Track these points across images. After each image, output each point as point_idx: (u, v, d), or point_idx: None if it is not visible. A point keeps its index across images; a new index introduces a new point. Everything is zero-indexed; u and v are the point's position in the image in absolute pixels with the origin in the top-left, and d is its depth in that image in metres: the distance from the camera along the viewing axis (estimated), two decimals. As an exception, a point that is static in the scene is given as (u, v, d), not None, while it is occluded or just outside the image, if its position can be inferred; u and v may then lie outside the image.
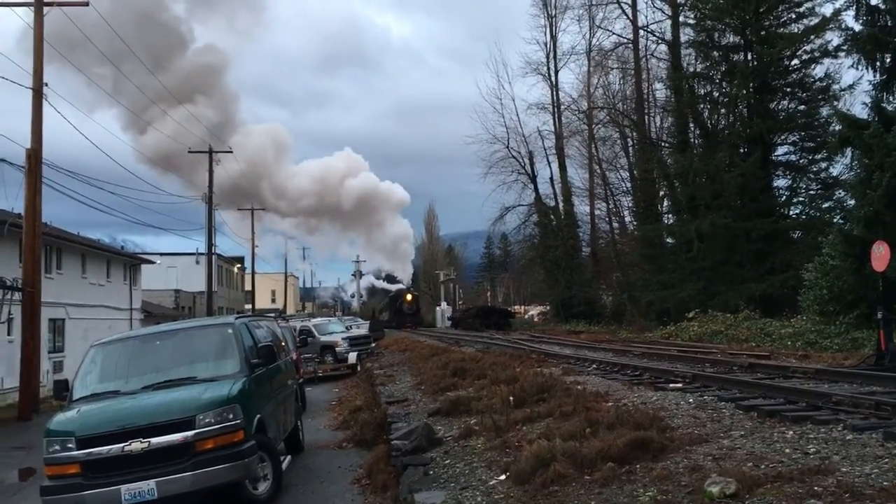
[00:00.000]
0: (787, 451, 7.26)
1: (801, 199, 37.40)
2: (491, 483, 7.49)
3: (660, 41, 45.96)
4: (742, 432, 8.34)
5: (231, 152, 46.52)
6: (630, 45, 49.08)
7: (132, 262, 44.24)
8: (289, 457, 12.34)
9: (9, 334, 25.95)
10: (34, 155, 22.38)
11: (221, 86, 52.26)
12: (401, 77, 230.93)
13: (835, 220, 31.55)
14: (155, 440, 8.27)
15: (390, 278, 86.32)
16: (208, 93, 49.57)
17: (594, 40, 53.86)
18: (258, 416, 9.33)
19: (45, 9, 22.75)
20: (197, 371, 9.63)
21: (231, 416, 8.62)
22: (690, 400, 11.00)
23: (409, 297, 73.01)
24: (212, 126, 46.58)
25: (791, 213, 37.32)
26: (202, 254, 51.94)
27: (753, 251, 33.99)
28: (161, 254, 62.22)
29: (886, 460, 6.60)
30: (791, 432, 8.13)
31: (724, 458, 7.08)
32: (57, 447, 8.44)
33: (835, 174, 34.71)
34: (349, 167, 68.52)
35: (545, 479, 6.97)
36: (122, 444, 8.25)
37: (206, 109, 47.42)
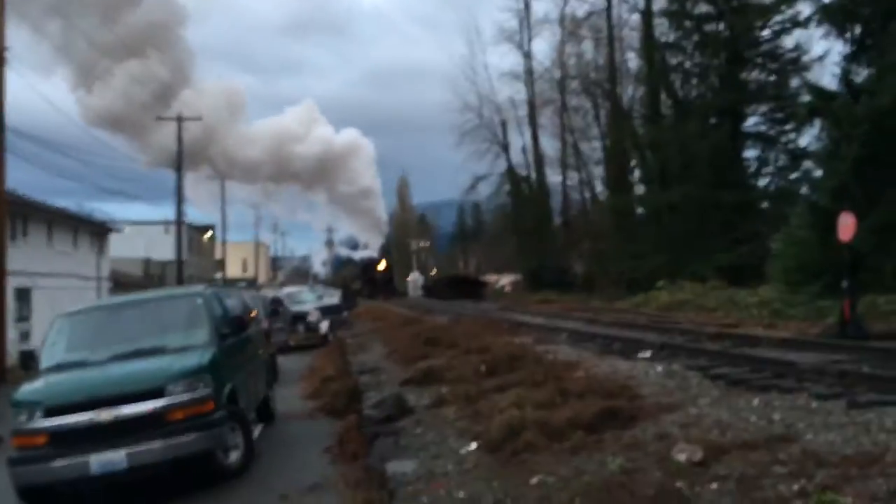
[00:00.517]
0: (753, 419, 7.39)
1: (770, 170, 37.78)
2: (462, 452, 7.55)
3: (633, 10, 45.89)
4: (709, 400, 8.47)
5: (200, 119, 45.65)
6: (603, 14, 48.95)
7: (100, 231, 43.59)
8: (260, 426, 12.30)
9: (-27, 303, 25.52)
10: (-3, 121, 21.87)
11: (176, 41, 49.51)
12: (373, 44, 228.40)
13: (802, 191, 31.90)
14: (124, 410, 8.19)
15: (353, 244, 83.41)
16: (161, 48, 46.41)
17: (567, 8, 53.57)
18: (229, 385, 9.28)
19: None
20: (167, 341, 9.52)
21: (201, 385, 8.57)
22: (659, 369, 11.14)
23: (381, 265, 70.93)
24: (164, 84, 44.51)
25: (760, 183, 37.71)
26: (171, 222, 51.27)
27: (722, 221, 34.31)
28: (130, 222, 61.31)
29: (850, 428, 6.73)
30: (757, 400, 8.26)
31: (691, 426, 7.19)
32: (24, 417, 8.33)
33: (803, 146, 35.08)
34: (306, 124, 63.08)
35: (515, 448, 7.04)
36: (90, 414, 8.17)
37: (158, 66, 44.65)
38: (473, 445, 7.66)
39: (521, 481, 6.22)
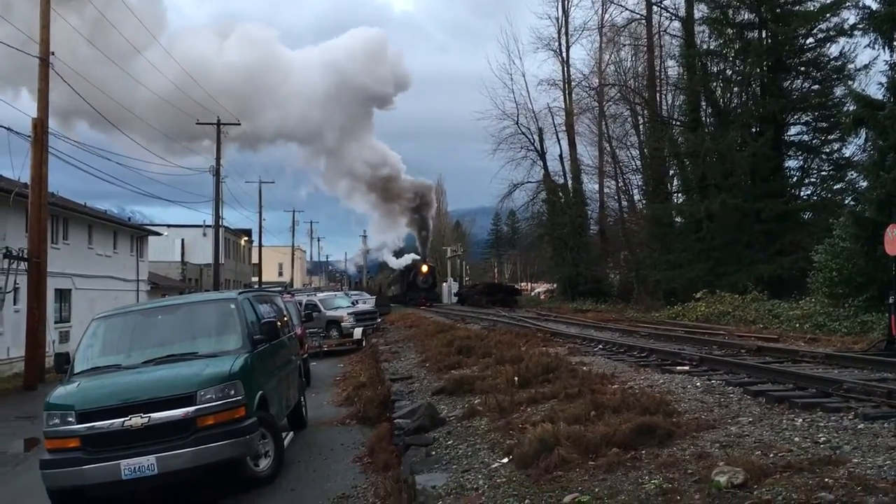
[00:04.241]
0: (797, 439, 7.11)
1: (812, 179, 37.06)
2: (493, 466, 7.37)
3: (673, 17, 45.31)
4: (750, 419, 8.19)
5: (239, 124, 46.04)
6: (643, 21, 48.38)
7: (139, 234, 44.23)
8: (291, 433, 12.30)
9: (15, 304, 25.99)
10: (40, 124, 22.26)
11: None
12: (405, 50, 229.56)
13: (846, 202, 31.21)
14: (155, 415, 8.21)
15: (400, 252, 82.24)
16: None
17: (606, 16, 53.06)
18: (260, 392, 9.26)
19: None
20: (199, 346, 9.57)
21: (232, 392, 8.56)
22: (698, 384, 10.87)
23: (424, 268, 66.61)
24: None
25: (802, 194, 36.99)
26: (209, 226, 51.88)
27: (763, 232, 33.71)
28: (168, 225, 62.25)
29: (899, 451, 6.44)
30: (800, 420, 7.98)
31: (732, 446, 6.94)
32: (56, 420, 8.38)
33: (847, 155, 34.36)
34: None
35: (548, 464, 6.84)
36: (122, 419, 8.18)
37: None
38: (505, 459, 7.48)
39: (553, 499, 6.03)
